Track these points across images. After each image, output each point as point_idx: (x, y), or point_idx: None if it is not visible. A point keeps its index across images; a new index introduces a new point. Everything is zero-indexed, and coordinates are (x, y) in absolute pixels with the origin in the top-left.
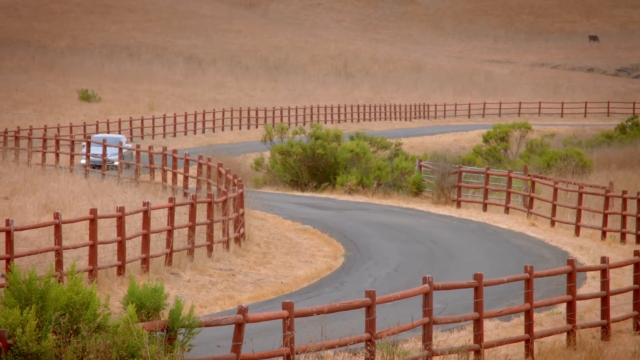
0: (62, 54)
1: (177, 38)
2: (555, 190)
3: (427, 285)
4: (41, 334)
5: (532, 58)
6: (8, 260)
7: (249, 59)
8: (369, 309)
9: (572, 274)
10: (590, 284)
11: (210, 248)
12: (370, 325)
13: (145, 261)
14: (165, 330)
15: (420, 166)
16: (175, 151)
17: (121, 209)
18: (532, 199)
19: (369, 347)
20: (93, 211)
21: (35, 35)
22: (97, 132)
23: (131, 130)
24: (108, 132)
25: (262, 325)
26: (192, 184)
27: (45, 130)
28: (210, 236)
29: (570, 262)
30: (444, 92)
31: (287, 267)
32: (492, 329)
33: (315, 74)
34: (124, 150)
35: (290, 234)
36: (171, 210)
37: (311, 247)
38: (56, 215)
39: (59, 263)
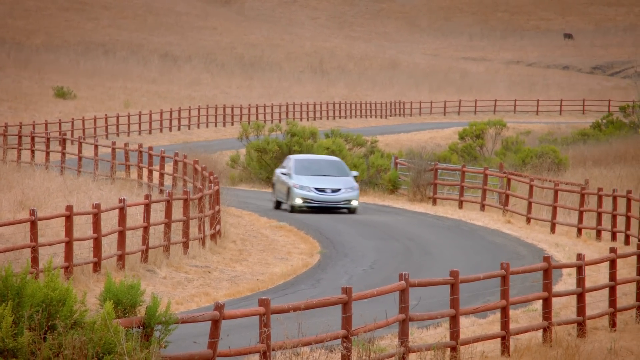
0: (37, 51)
1: (153, 35)
2: (531, 187)
3: (403, 282)
4: (17, 330)
5: (507, 56)
6: None
7: (224, 56)
8: (346, 305)
9: (548, 271)
10: (565, 281)
11: (186, 245)
12: (346, 322)
13: (121, 258)
14: (141, 327)
15: (396, 163)
16: (150, 148)
17: (97, 206)
18: (507, 196)
19: (345, 344)
20: (69, 208)
21: (10, 32)
22: (72, 129)
23: (107, 127)
24: (83, 129)
25: (237, 322)
26: (167, 181)
27: (21, 127)
28: (186, 233)
29: (546, 259)
30: (420, 89)
31: (263, 264)
32: (467, 326)
33: (291, 71)
34: None
35: (266, 231)
36: (147, 207)
37: (287, 244)
38: (32, 212)
39: (34, 260)
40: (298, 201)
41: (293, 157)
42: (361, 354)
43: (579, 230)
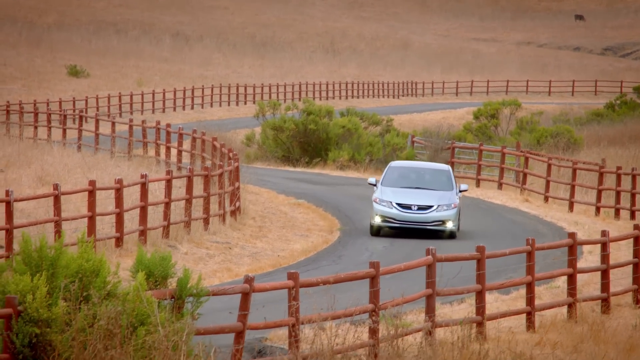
0: (48, 30)
1: (164, 15)
2: (549, 166)
3: (430, 257)
4: (51, 301)
5: (518, 37)
6: (7, 231)
7: (236, 36)
8: (373, 279)
9: (573, 247)
10: (586, 259)
11: (206, 221)
12: (374, 296)
13: (143, 233)
14: (173, 299)
15: (412, 142)
16: (168, 125)
17: (119, 181)
18: (525, 175)
19: (373, 318)
20: (92, 183)
21: (22, 11)
22: (86, 107)
23: (120, 105)
24: (97, 107)
25: (262, 297)
26: (185, 158)
27: (35, 104)
28: (206, 209)
29: (572, 235)
30: (431, 70)
31: (283, 241)
32: (491, 302)
33: (303, 51)
34: None
35: (285, 208)
36: (168, 182)
37: (306, 221)
38: (55, 187)
39: (58, 234)
40: (376, 220)
41: (392, 164)
42: (388, 329)
43: (597, 209)
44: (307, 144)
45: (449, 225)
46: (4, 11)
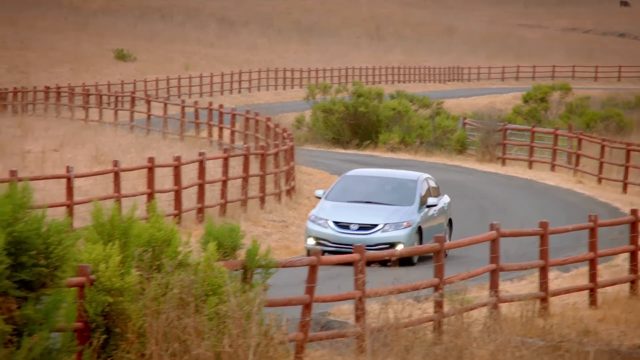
0: (94, 15)
1: (209, 0)
2: (603, 147)
3: (494, 232)
4: (124, 270)
5: (562, 23)
6: (68, 207)
7: (281, 21)
8: (438, 254)
9: (635, 224)
10: None
11: (262, 200)
12: (439, 270)
13: (200, 211)
14: (242, 270)
15: (464, 124)
16: (221, 106)
17: (178, 159)
18: (578, 156)
19: (438, 292)
20: (151, 160)
21: None
22: (134, 90)
23: (168, 89)
24: (145, 91)
25: (323, 274)
26: (237, 140)
27: (84, 88)
28: (262, 188)
29: (634, 212)
30: (477, 55)
31: None
32: (552, 279)
33: (348, 37)
34: None
35: None
36: (225, 161)
37: None
38: (115, 163)
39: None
40: (309, 243)
41: (348, 173)
42: (453, 304)
43: None
44: (357, 126)
45: (401, 249)
46: None
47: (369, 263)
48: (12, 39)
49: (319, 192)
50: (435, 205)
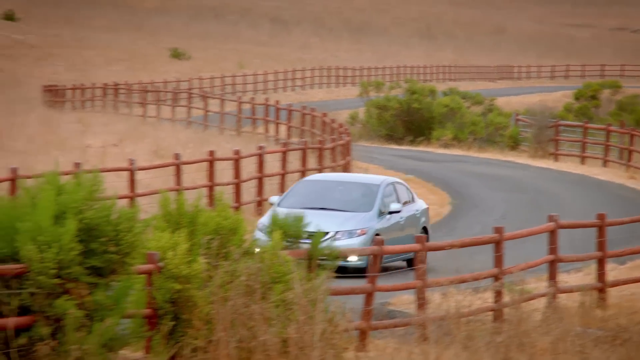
0: (149, 15)
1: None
2: None
3: (553, 223)
4: (191, 258)
5: (611, 22)
6: (131, 199)
7: (332, 20)
8: (497, 244)
9: None
10: None
11: None
12: (498, 261)
13: (260, 204)
14: (306, 259)
15: (516, 120)
16: (277, 102)
17: (237, 152)
18: (630, 152)
19: (497, 282)
20: (211, 153)
21: None
22: (189, 88)
23: (222, 87)
24: (200, 88)
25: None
26: (293, 136)
27: (141, 85)
28: None
29: None
30: (527, 54)
31: None
32: (608, 271)
33: (399, 36)
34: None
35: None
36: (284, 155)
37: (417, 195)
38: (176, 156)
39: None
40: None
41: (305, 178)
42: (512, 294)
43: None
44: (410, 122)
45: (352, 260)
46: None
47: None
48: (70, 37)
49: (274, 199)
50: (398, 212)
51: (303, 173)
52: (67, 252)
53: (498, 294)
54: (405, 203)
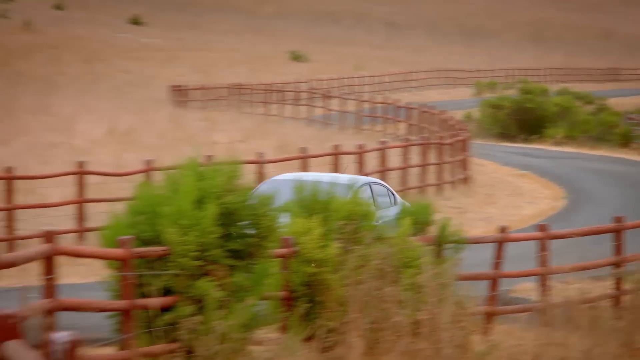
0: (269, 19)
1: (377, 5)
2: None
3: None
4: (325, 242)
5: None
6: None
7: (445, 25)
8: (618, 233)
9: None
10: None
11: (439, 187)
12: (618, 249)
13: None
14: (434, 245)
15: (628, 119)
16: (396, 101)
17: (361, 146)
18: None
19: (617, 269)
20: (336, 147)
21: (244, 3)
22: (312, 88)
23: (340, 88)
24: (320, 89)
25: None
26: (411, 133)
27: (264, 85)
28: (440, 176)
29: None
30: (635, 57)
31: (512, 207)
32: None
33: (510, 39)
34: None
35: (510, 178)
36: (406, 149)
37: (532, 190)
38: (302, 150)
39: None
40: None
41: (273, 177)
42: (632, 282)
43: None
44: (523, 121)
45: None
46: (229, 2)
47: None
48: (194, 41)
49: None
50: None
51: (424, 167)
52: (207, 235)
53: (618, 281)
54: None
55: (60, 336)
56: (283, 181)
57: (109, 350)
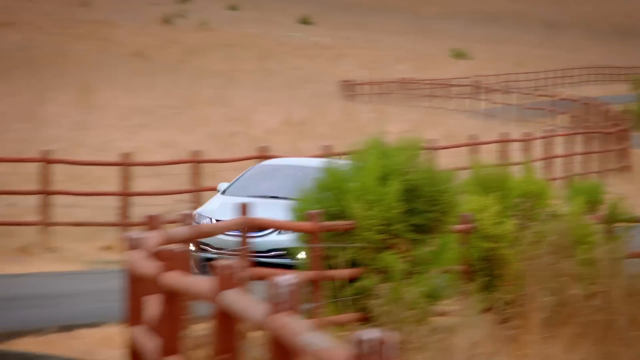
0: (432, 20)
1: (535, 5)
2: None
3: None
4: (501, 219)
5: None
6: None
7: (602, 24)
8: None
9: None
10: None
11: (601, 174)
12: None
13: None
14: (604, 223)
15: None
16: (558, 94)
17: (527, 134)
18: None
19: None
20: (503, 135)
21: (406, 3)
22: (477, 83)
23: (501, 83)
24: (480, 84)
25: None
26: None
27: (429, 81)
28: (602, 164)
29: None
30: None
31: None
32: None
33: None
34: None
35: None
36: (570, 138)
37: None
38: (471, 137)
39: None
40: (191, 247)
41: (262, 162)
42: None
43: None
44: None
45: (299, 256)
46: (393, 3)
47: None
48: (360, 40)
49: (222, 185)
50: None
51: (587, 155)
52: (391, 210)
53: None
54: None
55: (284, 279)
56: (271, 166)
57: None
